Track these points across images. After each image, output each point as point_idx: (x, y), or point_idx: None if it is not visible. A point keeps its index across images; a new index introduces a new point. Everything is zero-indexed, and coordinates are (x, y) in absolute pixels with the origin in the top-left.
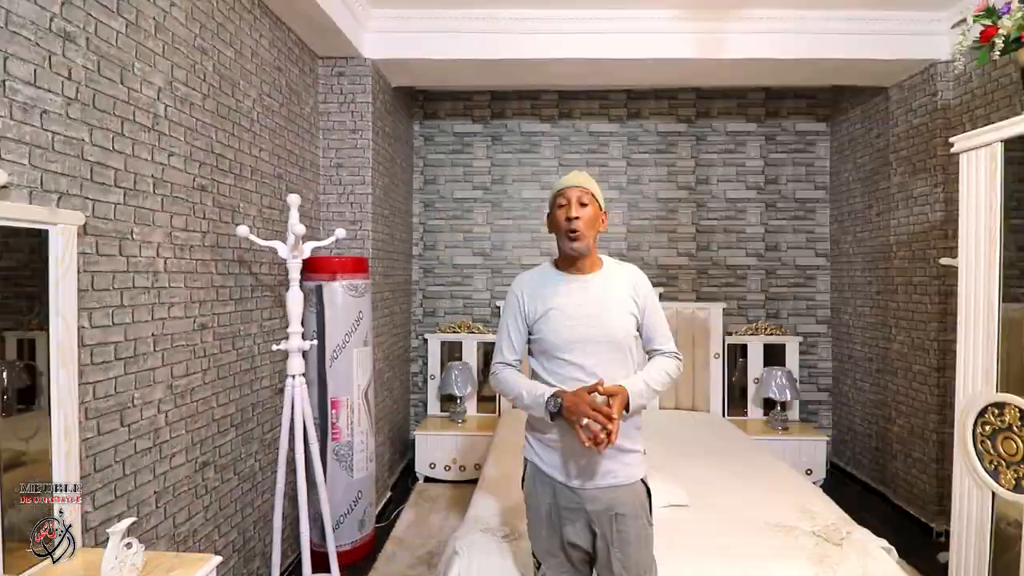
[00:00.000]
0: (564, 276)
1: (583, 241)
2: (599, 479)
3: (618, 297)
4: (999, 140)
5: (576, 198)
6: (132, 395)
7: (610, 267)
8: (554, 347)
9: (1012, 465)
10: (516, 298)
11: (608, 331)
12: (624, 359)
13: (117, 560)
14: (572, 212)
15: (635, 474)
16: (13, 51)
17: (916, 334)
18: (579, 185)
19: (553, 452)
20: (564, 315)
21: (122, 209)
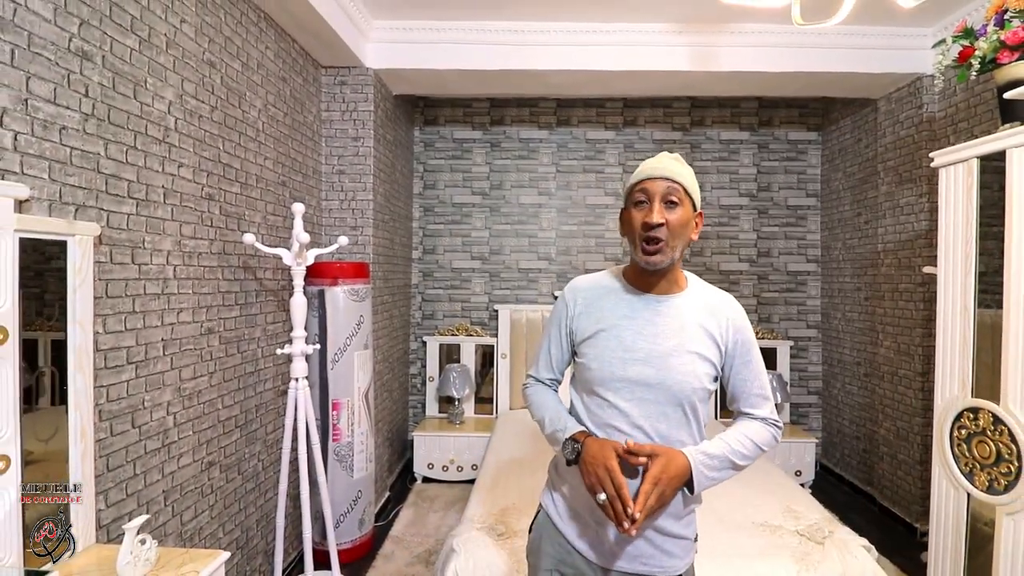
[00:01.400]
0: (631, 292)
1: (666, 255)
2: (626, 561)
3: (698, 334)
4: (975, 156)
5: (662, 194)
6: (143, 397)
7: (696, 291)
8: (598, 380)
9: (986, 468)
10: (566, 306)
11: (670, 376)
12: (683, 419)
13: (132, 555)
14: (655, 216)
15: (675, 567)
16: (35, 71)
17: (902, 339)
18: (668, 176)
19: (575, 511)
20: (619, 342)
21: (135, 219)
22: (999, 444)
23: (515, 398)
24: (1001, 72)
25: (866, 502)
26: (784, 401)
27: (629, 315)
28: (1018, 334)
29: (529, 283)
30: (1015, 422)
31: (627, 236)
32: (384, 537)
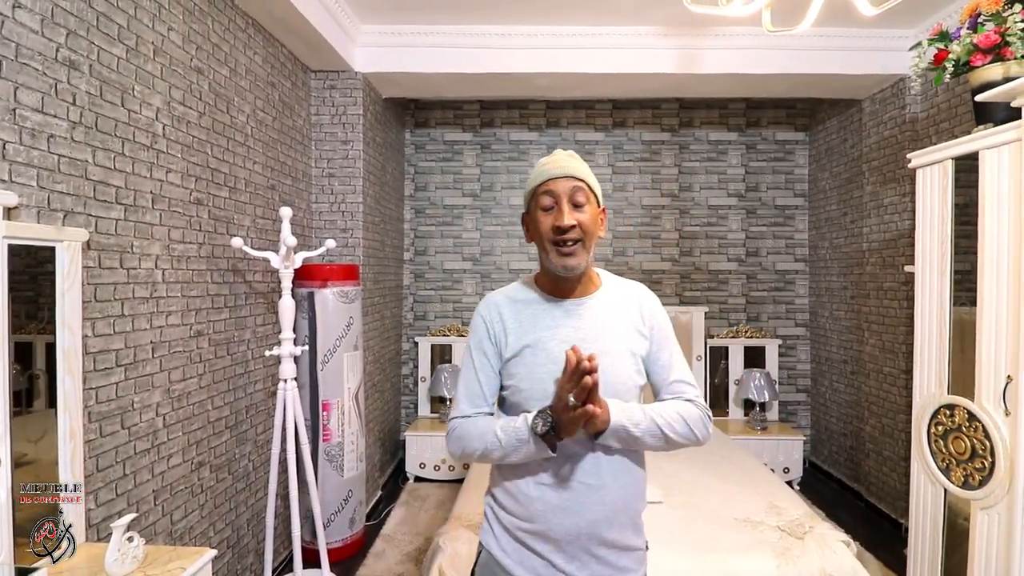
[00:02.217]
0: (549, 301)
1: (580, 257)
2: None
3: (623, 330)
4: (950, 158)
5: (568, 195)
6: (132, 399)
7: (611, 287)
8: (531, 400)
9: (961, 463)
10: (487, 326)
11: (603, 379)
12: None
13: (120, 552)
14: (565, 218)
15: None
16: (23, 81)
17: (886, 337)
18: (572, 175)
19: (521, 543)
20: (547, 356)
21: (123, 224)
22: (974, 440)
23: None
24: (974, 75)
25: (853, 499)
26: (772, 399)
27: (552, 325)
28: (991, 332)
29: None
30: (988, 419)
31: (536, 242)
32: (375, 536)
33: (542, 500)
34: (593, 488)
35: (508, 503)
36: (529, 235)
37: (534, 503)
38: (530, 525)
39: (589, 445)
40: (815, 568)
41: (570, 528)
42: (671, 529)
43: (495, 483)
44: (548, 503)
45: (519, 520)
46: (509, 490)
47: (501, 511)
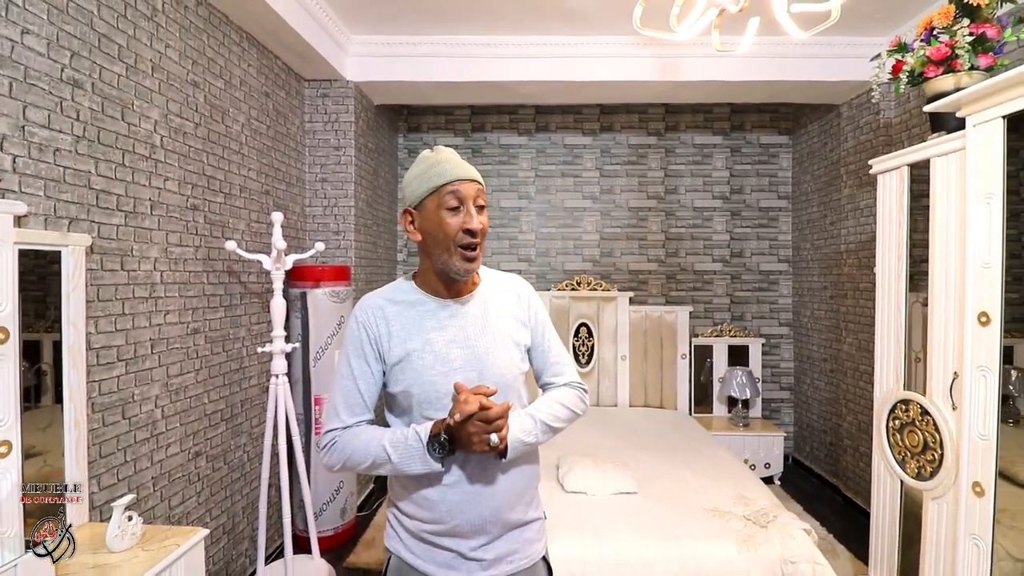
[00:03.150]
0: (432, 301)
1: (479, 261)
2: (492, 569)
3: (505, 324)
4: (906, 164)
5: (473, 197)
6: (132, 392)
7: (489, 282)
8: (423, 401)
9: (915, 455)
10: (364, 331)
11: (491, 372)
12: (516, 405)
13: (120, 530)
14: (475, 223)
15: (536, 551)
16: (31, 100)
17: (862, 336)
18: (476, 179)
19: (429, 543)
20: (435, 357)
21: (124, 230)
22: (925, 434)
23: None
24: (928, 85)
25: (832, 493)
26: (754, 396)
27: (437, 327)
28: (940, 332)
29: None
30: (938, 413)
31: (430, 242)
32: (367, 526)
33: (445, 501)
34: (490, 480)
35: (412, 510)
36: (416, 233)
37: (438, 505)
38: (437, 526)
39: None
40: (775, 555)
41: (475, 519)
42: (642, 518)
43: (396, 493)
44: (452, 502)
45: (425, 523)
46: (412, 498)
47: (405, 518)
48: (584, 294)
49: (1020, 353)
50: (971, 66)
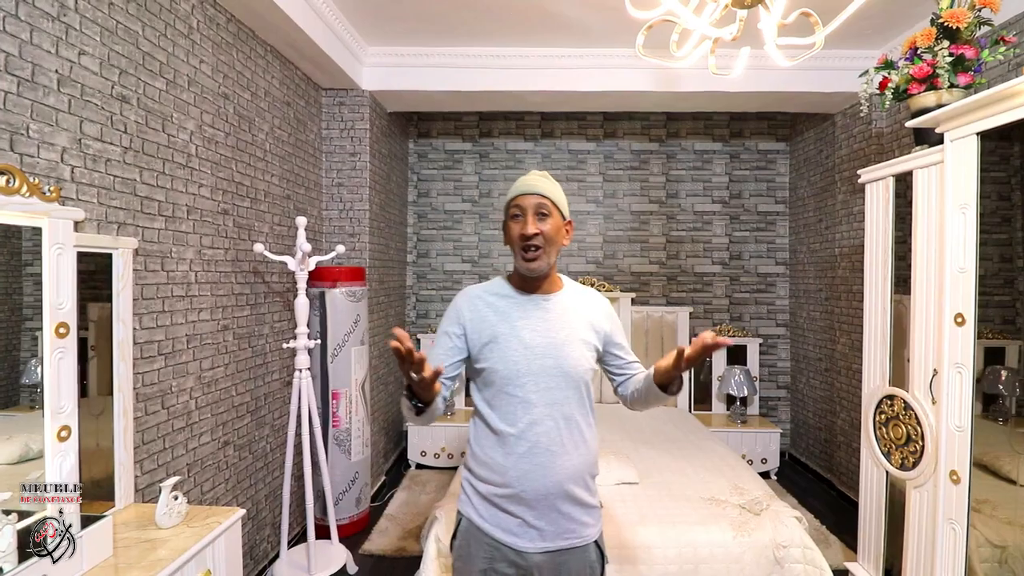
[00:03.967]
0: (520, 296)
1: (542, 261)
2: (550, 540)
3: (580, 326)
4: (891, 175)
5: (534, 208)
6: (171, 384)
7: (571, 289)
8: (504, 379)
9: (899, 447)
10: (459, 313)
11: (566, 363)
12: (580, 398)
13: (167, 508)
14: (529, 228)
15: (591, 534)
16: (87, 115)
17: (855, 336)
18: (538, 192)
19: (497, 507)
20: (519, 342)
21: (164, 233)
22: (908, 427)
23: None
24: (912, 101)
25: (826, 488)
26: (752, 394)
27: (523, 316)
28: (921, 331)
29: None
30: (919, 407)
31: (509, 246)
32: (379, 515)
33: (516, 468)
34: (557, 455)
35: (485, 474)
36: (505, 240)
37: (509, 471)
38: (505, 490)
39: (555, 419)
40: (767, 539)
41: (539, 488)
42: (643, 506)
43: (472, 458)
44: (521, 470)
45: (495, 487)
46: (485, 463)
47: (478, 482)
48: None
49: (1010, 354)
50: (951, 84)
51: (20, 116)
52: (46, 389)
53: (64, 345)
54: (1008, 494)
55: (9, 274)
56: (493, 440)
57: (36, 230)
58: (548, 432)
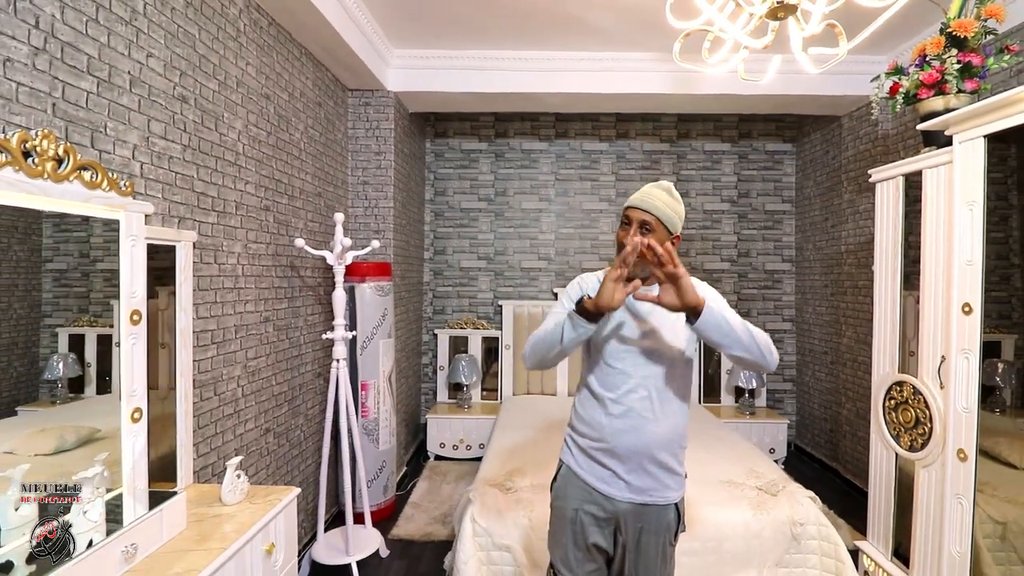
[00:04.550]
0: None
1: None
2: (635, 494)
3: (674, 314)
4: (901, 174)
5: (639, 221)
6: (222, 372)
7: None
8: (610, 353)
9: (908, 430)
10: (583, 288)
11: (661, 344)
12: (674, 375)
13: (232, 485)
14: (628, 238)
15: (671, 497)
16: (153, 115)
17: (860, 330)
18: (646, 208)
19: (593, 459)
20: (626, 322)
21: (216, 227)
22: (917, 411)
23: (518, 384)
24: (921, 105)
25: (832, 476)
26: (760, 387)
27: (631, 299)
28: (930, 321)
29: (530, 281)
30: (928, 392)
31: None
32: (404, 503)
33: (611, 427)
34: (649, 420)
35: (584, 429)
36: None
37: (605, 428)
38: (601, 444)
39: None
40: (785, 517)
41: (630, 446)
42: None
43: (575, 418)
44: (616, 428)
45: (592, 441)
46: (586, 420)
47: (579, 436)
48: None
49: (1006, 347)
50: (958, 89)
51: (99, 115)
52: (122, 374)
53: (136, 332)
54: (1007, 476)
55: (29, 271)
56: (595, 403)
57: (77, 221)
58: (642, 400)
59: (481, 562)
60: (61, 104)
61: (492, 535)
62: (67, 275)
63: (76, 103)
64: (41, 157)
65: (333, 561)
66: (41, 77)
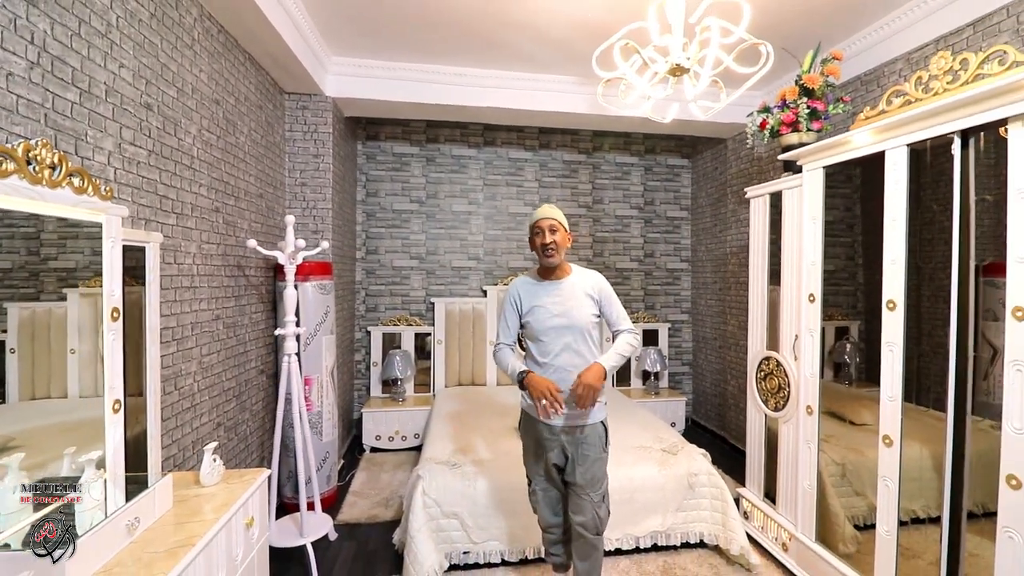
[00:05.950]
0: (544, 282)
1: (556, 257)
2: (569, 420)
3: (582, 296)
4: (768, 193)
5: (548, 227)
6: (180, 367)
7: (576, 273)
8: (539, 332)
9: (773, 395)
10: (513, 298)
11: (574, 321)
12: (586, 340)
13: (210, 468)
14: (546, 239)
15: (597, 416)
16: (124, 122)
17: (742, 319)
18: (548, 217)
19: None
20: (545, 311)
21: (176, 229)
22: (779, 378)
23: (450, 377)
24: (782, 139)
25: (720, 443)
26: (663, 370)
27: (545, 294)
28: (788, 307)
29: (461, 279)
30: (786, 363)
31: (534, 250)
32: (345, 493)
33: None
34: (570, 372)
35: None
36: (531, 247)
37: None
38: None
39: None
40: (683, 471)
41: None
42: None
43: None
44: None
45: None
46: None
47: (527, 397)
48: None
49: (852, 331)
50: (808, 128)
51: (82, 123)
52: (105, 368)
53: (115, 328)
54: (846, 430)
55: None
56: (535, 366)
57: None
58: (565, 359)
59: (432, 529)
60: (51, 114)
61: (441, 505)
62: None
63: (63, 113)
64: (40, 165)
65: (288, 544)
66: (36, 89)
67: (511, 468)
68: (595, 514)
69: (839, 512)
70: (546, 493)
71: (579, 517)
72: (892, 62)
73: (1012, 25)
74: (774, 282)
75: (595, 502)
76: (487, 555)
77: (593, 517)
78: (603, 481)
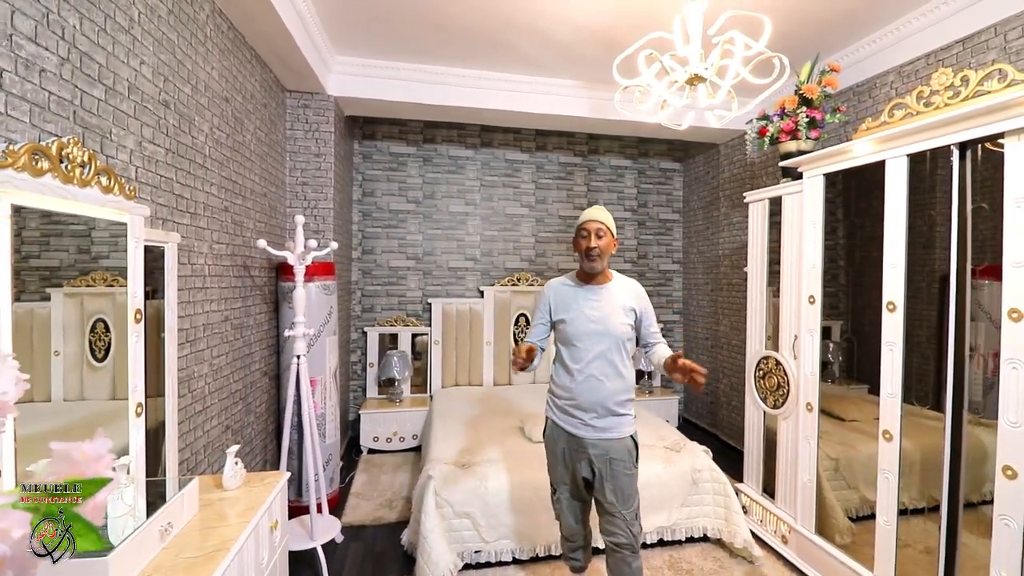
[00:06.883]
0: (584, 287)
1: (599, 262)
2: (598, 433)
3: (621, 305)
4: (767, 198)
5: (595, 231)
6: (193, 369)
7: (617, 281)
8: (574, 337)
9: (772, 393)
10: (548, 299)
11: (611, 329)
12: (620, 350)
13: (232, 471)
14: (592, 243)
15: (626, 431)
16: (145, 120)
17: (734, 319)
18: (597, 219)
19: (567, 413)
20: (583, 316)
21: (190, 228)
22: (778, 377)
23: (447, 377)
24: (781, 146)
25: (712, 440)
26: (658, 371)
27: (584, 299)
28: (787, 309)
29: (457, 280)
30: (786, 362)
31: (577, 252)
32: (347, 495)
33: (577, 387)
34: (603, 381)
35: (560, 392)
36: (575, 249)
37: (573, 390)
38: (571, 401)
39: (601, 360)
40: (687, 467)
41: (592, 400)
42: None
43: (553, 384)
44: (580, 389)
45: (565, 400)
46: (560, 385)
47: (555, 398)
48: (523, 289)
49: (835, 331)
50: (807, 136)
51: (107, 121)
52: (129, 370)
53: (138, 330)
54: (837, 426)
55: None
56: (565, 372)
57: None
58: (597, 367)
59: (445, 529)
60: (80, 112)
61: (453, 505)
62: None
63: (90, 110)
64: (72, 163)
65: (299, 547)
66: (65, 86)
67: (519, 467)
68: (629, 532)
69: (835, 505)
70: (570, 502)
71: (613, 539)
72: (884, 74)
73: (1000, 43)
74: (772, 284)
75: (628, 520)
76: (498, 553)
77: (628, 537)
78: (634, 498)
